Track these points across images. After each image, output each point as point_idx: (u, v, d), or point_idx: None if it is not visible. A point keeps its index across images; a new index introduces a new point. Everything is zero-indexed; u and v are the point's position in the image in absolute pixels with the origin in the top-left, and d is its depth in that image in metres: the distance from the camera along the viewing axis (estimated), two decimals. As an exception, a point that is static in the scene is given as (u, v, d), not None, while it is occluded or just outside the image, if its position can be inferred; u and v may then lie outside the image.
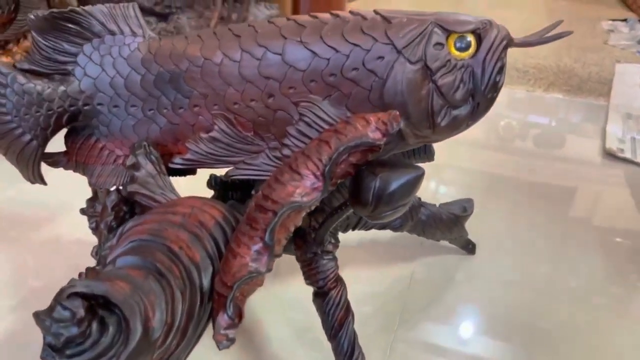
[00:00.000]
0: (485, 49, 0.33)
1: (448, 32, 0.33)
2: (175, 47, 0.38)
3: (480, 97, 0.33)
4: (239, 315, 0.28)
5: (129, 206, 0.39)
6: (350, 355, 0.37)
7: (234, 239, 0.30)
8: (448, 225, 0.52)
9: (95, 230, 0.48)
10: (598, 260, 0.56)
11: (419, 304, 0.50)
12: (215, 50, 0.36)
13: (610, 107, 0.99)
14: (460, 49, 0.33)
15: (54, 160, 0.43)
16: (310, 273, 0.39)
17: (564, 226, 0.62)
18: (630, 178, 0.74)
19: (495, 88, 0.34)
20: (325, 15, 0.35)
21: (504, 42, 0.33)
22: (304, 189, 0.29)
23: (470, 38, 0.33)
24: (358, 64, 0.33)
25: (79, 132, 0.42)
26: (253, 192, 0.38)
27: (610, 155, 0.81)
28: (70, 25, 0.39)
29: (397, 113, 0.30)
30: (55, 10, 0.38)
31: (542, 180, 0.73)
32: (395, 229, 0.50)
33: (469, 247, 0.57)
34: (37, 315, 0.24)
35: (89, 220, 0.47)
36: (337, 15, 0.34)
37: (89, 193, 0.47)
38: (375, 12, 0.34)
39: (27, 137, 0.40)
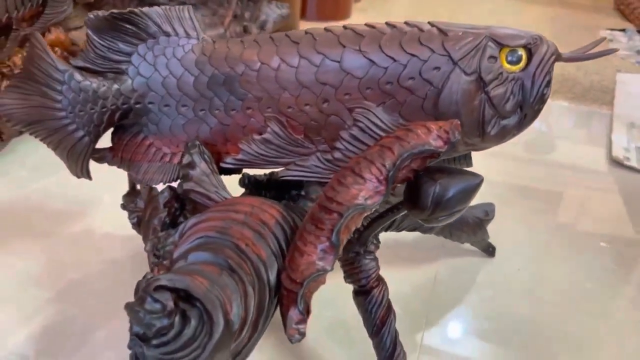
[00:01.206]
0: (536, 63, 0.35)
1: (501, 46, 0.34)
2: (231, 51, 0.39)
3: (528, 108, 0.35)
4: (308, 310, 0.30)
5: (180, 203, 0.40)
6: (392, 352, 0.39)
7: (299, 238, 0.31)
8: (473, 228, 0.54)
9: (136, 225, 0.49)
10: (610, 263, 0.59)
11: (444, 305, 0.52)
12: (272, 56, 0.37)
13: (614, 116, 1.02)
14: (511, 62, 0.35)
15: (100, 155, 0.44)
16: (352, 272, 0.41)
17: (574, 231, 0.64)
18: (638, 186, 0.77)
19: (542, 100, 0.35)
20: (382, 26, 0.36)
21: (553, 57, 0.35)
22: (367, 192, 0.31)
23: (522, 52, 0.35)
24: (415, 73, 0.34)
25: (126, 129, 0.43)
26: (303, 192, 0.39)
27: (617, 163, 0.83)
28: (127, 26, 0.40)
29: (459, 122, 0.32)
30: (115, 11, 0.39)
31: (551, 188, 0.75)
32: (425, 232, 0.52)
33: (490, 250, 0.59)
34: (129, 307, 0.25)
35: (129, 215, 0.48)
36: (394, 26, 0.36)
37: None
38: (431, 24, 0.36)
39: (81, 133, 0.41)
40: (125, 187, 0.49)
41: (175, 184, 0.41)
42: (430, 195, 0.31)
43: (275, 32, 0.40)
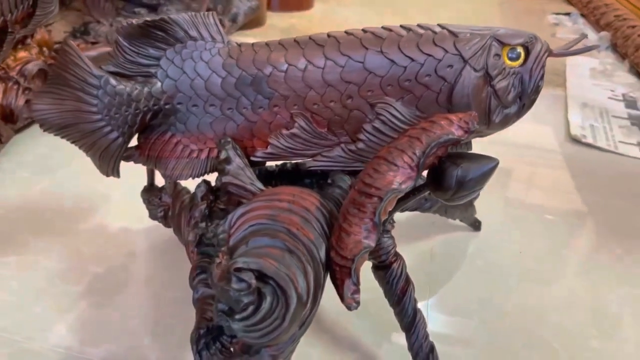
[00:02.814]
0: (533, 59, 0.40)
1: (503, 45, 0.40)
2: (258, 54, 0.42)
3: (526, 98, 0.41)
4: (358, 282, 0.34)
5: (214, 195, 0.44)
6: (413, 318, 0.44)
7: (343, 220, 0.36)
8: (465, 205, 0.60)
9: (163, 218, 0.52)
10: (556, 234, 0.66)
11: (443, 275, 0.57)
12: (299, 58, 0.41)
13: (568, 97, 1.10)
14: (512, 59, 0.40)
15: (128, 154, 0.46)
16: (373, 250, 0.45)
17: (524, 204, 0.71)
18: (594, 161, 0.85)
19: (538, 91, 0.41)
20: (398, 29, 0.41)
21: (547, 54, 0.40)
22: (401, 178, 0.35)
23: (520, 50, 0.40)
24: (431, 71, 0.39)
25: (153, 128, 0.46)
26: (329, 181, 0.43)
27: (575, 141, 0.92)
28: (157, 32, 0.43)
29: (476, 114, 0.37)
30: (148, 19, 0.42)
31: (508, 166, 0.81)
32: (425, 211, 0.57)
33: (476, 225, 0.65)
34: (220, 286, 0.29)
35: (156, 209, 0.51)
36: (410, 29, 0.40)
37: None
38: (441, 26, 0.40)
39: (115, 134, 0.44)
40: (127, 185, 0.52)
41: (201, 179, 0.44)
42: (454, 178, 0.36)
43: (288, 37, 0.43)
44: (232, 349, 0.34)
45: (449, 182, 0.37)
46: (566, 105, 1.06)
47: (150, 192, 0.53)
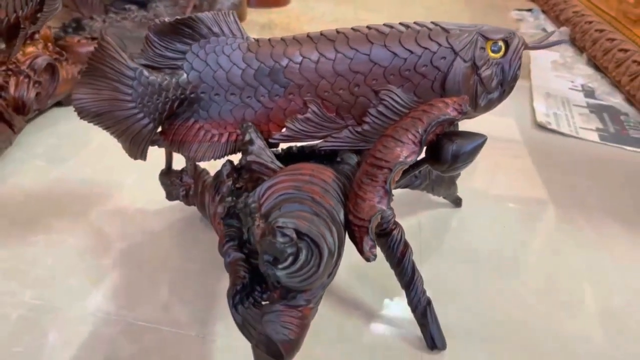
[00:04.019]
0: (512, 52, 0.47)
1: (487, 39, 0.46)
2: (275, 48, 0.48)
3: (506, 85, 0.48)
4: (375, 239, 0.40)
5: (237, 173, 0.49)
6: (412, 276, 0.50)
7: (358, 189, 0.42)
8: (448, 183, 0.67)
9: (184, 197, 0.57)
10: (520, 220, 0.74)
11: (432, 246, 0.64)
12: (313, 51, 0.47)
13: (532, 88, 1.19)
14: (494, 51, 0.47)
15: (154, 139, 0.52)
16: (375, 219, 0.52)
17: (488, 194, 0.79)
18: (559, 145, 0.94)
19: (516, 78, 0.48)
20: (398, 26, 0.47)
21: (523, 47, 0.47)
22: (407, 152, 0.42)
23: (501, 44, 0.47)
24: (427, 62, 0.46)
25: (178, 115, 0.51)
26: (338, 159, 0.50)
27: (541, 127, 1.00)
28: (185, 29, 0.48)
29: (467, 98, 0.44)
30: (178, 17, 0.47)
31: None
32: (414, 188, 0.64)
33: (457, 202, 0.72)
34: (267, 240, 0.35)
35: (178, 189, 0.57)
36: (408, 26, 0.47)
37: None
38: (435, 23, 0.47)
39: (146, 120, 0.49)
40: (137, 172, 0.57)
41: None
42: (450, 152, 0.43)
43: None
44: (267, 300, 0.40)
45: (445, 156, 0.43)
46: (531, 95, 1.15)
47: (169, 174, 0.59)
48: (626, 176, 0.84)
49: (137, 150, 0.51)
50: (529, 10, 1.83)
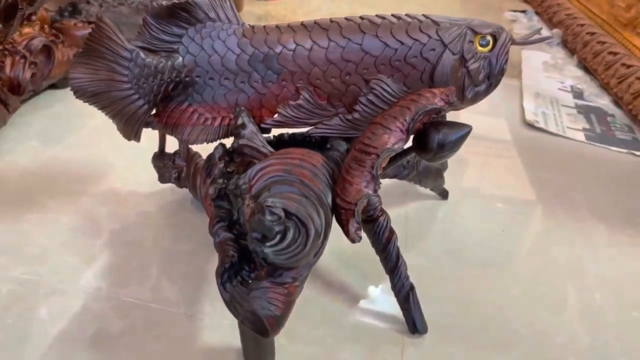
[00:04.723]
0: (499, 46, 0.48)
1: (475, 33, 0.48)
2: (269, 35, 0.49)
3: (493, 78, 0.49)
4: (360, 222, 0.42)
5: (229, 156, 0.50)
6: (396, 261, 0.52)
7: (346, 173, 0.43)
8: (435, 175, 0.69)
9: (176, 179, 0.58)
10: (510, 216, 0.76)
11: (417, 235, 0.66)
12: (306, 39, 0.48)
13: (523, 87, 1.21)
14: (482, 45, 0.48)
15: (148, 121, 0.53)
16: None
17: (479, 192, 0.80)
18: (546, 143, 0.95)
19: (502, 72, 0.49)
20: (391, 17, 0.48)
21: (510, 42, 0.49)
22: (394, 139, 0.43)
23: (489, 38, 0.48)
24: (417, 53, 0.47)
25: (172, 99, 0.52)
26: (328, 145, 0.51)
27: (529, 125, 1.02)
28: (182, 13, 0.49)
29: (454, 88, 0.45)
30: (176, 1, 0.48)
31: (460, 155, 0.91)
32: (402, 178, 0.65)
33: (444, 194, 0.74)
34: (256, 218, 0.36)
35: (170, 171, 0.58)
36: (400, 18, 0.48)
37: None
38: (425, 16, 0.48)
39: (141, 102, 0.50)
40: (128, 154, 0.58)
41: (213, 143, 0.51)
42: (435, 141, 0.45)
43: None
44: (255, 278, 0.42)
45: (431, 144, 0.45)
46: (521, 94, 1.16)
47: (161, 157, 0.60)
48: (611, 175, 0.86)
49: (131, 131, 0.52)
50: (523, 11, 1.85)
